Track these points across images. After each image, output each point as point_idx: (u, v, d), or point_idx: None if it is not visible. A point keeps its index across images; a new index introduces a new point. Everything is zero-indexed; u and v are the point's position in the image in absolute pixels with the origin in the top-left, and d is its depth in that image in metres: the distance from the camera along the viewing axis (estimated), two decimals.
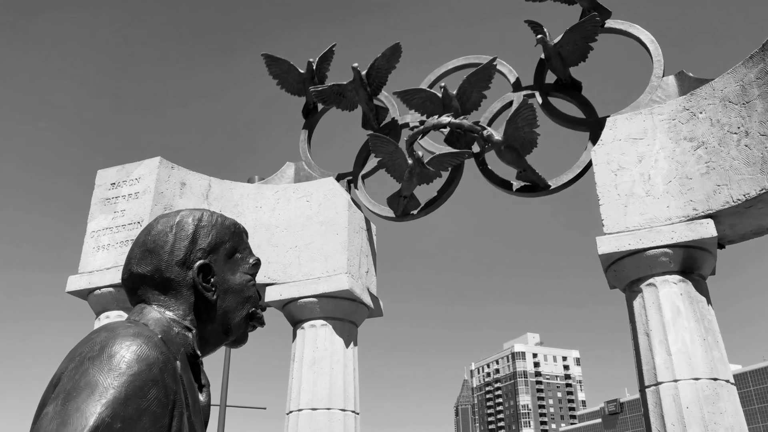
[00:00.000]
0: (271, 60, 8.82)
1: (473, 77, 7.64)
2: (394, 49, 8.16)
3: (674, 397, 5.92)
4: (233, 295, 1.90)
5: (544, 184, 7.46)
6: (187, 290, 1.81)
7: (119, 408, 1.37)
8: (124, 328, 1.56)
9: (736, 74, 6.40)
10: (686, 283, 6.33)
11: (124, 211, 7.48)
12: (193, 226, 1.87)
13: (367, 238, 8.24)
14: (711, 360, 6.01)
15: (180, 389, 1.59)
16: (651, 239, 6.38)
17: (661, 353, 6.13)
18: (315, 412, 7.07)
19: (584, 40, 7.47)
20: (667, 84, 7.35)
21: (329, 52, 8.84)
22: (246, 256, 1.98)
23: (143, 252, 1.84)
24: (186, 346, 1.76)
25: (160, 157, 7.69)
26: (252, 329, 1.99)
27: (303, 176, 8.62)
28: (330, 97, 8.38)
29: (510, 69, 8.24)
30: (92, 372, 1.42)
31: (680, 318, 6.17)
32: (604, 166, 6.92)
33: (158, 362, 1.50)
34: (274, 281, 7.73)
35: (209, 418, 1.89)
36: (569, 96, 7.81)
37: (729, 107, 6.40)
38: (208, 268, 1.83)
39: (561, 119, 7.78)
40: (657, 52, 7.53)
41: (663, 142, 6.77)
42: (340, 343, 7.44)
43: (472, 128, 7.24)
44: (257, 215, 8.12)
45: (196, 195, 7.90)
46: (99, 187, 7.83)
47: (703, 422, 5.73)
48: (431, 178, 7.71)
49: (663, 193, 6.57)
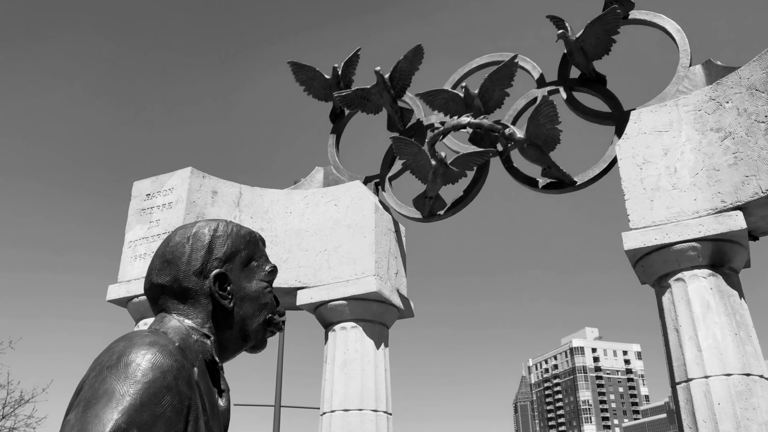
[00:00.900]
0: (297, 67, 8.96)
1: (495, 75, 7.62)
2: (416, 51, 8.20)
3: (705, 393, 5.80)
4: (250, 302, 1.96)
5: (570, 181, 7.39)
6: (204, 299, 1.88)
7: (135, 414, 1.45)
8: (141, 338, 1.63)
9: (762, 61, 6.22)
10: (716, 277, 6.19)
11: (159, 220, 7.73)
12: (209, 237, 1.93)
13: (396, 239, 8.31)
14: (743, 355, 5.87)
15: (195, 395, 1.66)
16: (678, 233, 6.26)
17: (692, 349, 6.01)
18: (347, 414, 7.18)
19: (606, 33, 7.37)
20: (694, 74, 7.20)
21: (354, 56, 8.93)
22: (262, 264, 2.03)
23: (162, 263, 1.91)
24: (204, 352, 1.83)
25: (191, 168, 7.91)
26: (271, 335, 2.04)
27: (332, 180, 8.74)
28: (355, 101, 8.48)
29: (534, 65, 8.18)
30: (110, 380, 1.50)
31: (710, 313, 6.04)
32: (629, 160, 6.82)
33: (172, 369, 1.56)
34: (305, 285, 7.87)
35: (229, 421, 1.94)
36: (594, 90, 7.71)
37: (756, 95, 6.23)
38: (224, 276, 1.90)
39: (586, 114, 7.69)
40: (683, 42, 7.38)
41: (689, 133, 6.63)
42: (370, 345, 7.52)
43: (492, 127, 7.23)
44: (287, 220, 8.27)
45: (228, 203, 8.10)
46: (135, 198, 8.11)
47: (735, 418, 5.60)
48: (456, 178, 7.72)
49: (690, 186, 6.44)
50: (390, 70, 8.33)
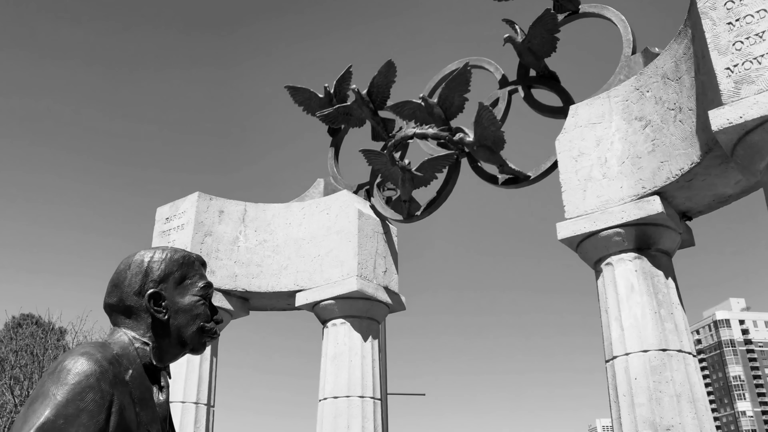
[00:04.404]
0: (293, 90, 9.90)
1: (452, 83, 8.18)
2: (389, 65, 8.90)
3: (625, 369, 6.22)
4: (183, 313, 2.34)
5: (523, 176, 7.87)
6: (144, 313, 2.28)
7: (62, 409, 1.88)
8: (78, 349, 2.07)
9: (671, 50, 6.47)
10: (641, 260, 6.53)
11: (174, 241, 8.96)
12: (146, 263, 2.33)
13: (385, 240, 9.08)
14: (662, 332, 6.21)
15: (122, 391, 2.07)
16: (604, 221, 6.65)
17: (616, 329, 6.42)
18: (337, 400, 8.09)
19: (549, 32, 7.77)
20: (635, 63, 7.46)
21: (347, 73, 9.72)
22: (195, 281, 2.41)
23: (111, 286, 2.34)
24: (144, 357, 2.25)
25: (199, 192, 9.09)
26: (209, 339, 2.44)
27: (330, 190, 9.63)
28: (337, 118, 9.32)
29: (497, 67, 8.68)
30: (47, 384, 1.96)
31: (633, 293, 6.41)
32: (566, 153, 7.23)
33: (95, 373, 1.98)
34: (302, 287, 8.84)
35: (169, 412, 2.37)
36: (549, 87, 8.12)
37: (668, 84, 6.50)
38: (158, 294, 2.29)
39: (541, 110, 8.12)
40: (626, 31, 7.64)
41: (618, 123, 6.96)
42: (358, 338, 8.38)
43: (436, 135, 7.85)
44: (287, 231, 9.27)
45: (234, 219, 9.22)
46: (158, 222, 9.40)
47: (648, 391, 6.00)
48: (426, 181, 8.38)
49: (617, 174, 6.79)
50: (367, 85, 9.08)
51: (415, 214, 8.69)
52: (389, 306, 8.80)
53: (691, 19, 5.99)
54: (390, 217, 8.98)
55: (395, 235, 9.40)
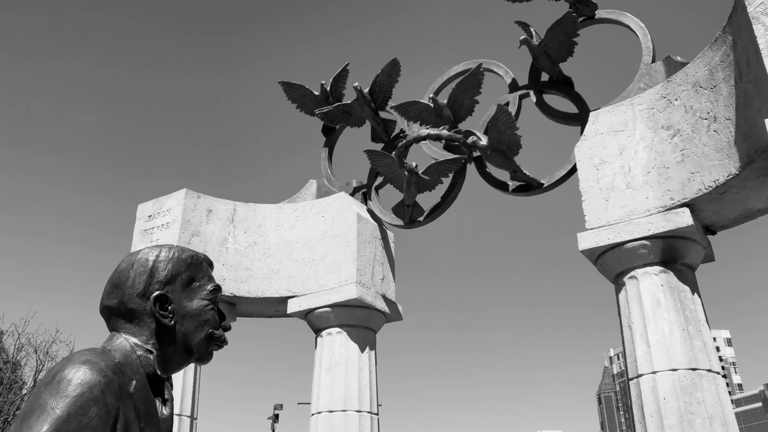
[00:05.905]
0: (288, 86, 9.42)
1: (462, 84, 7.85)
2: (393, 64, 8.52)
3: (652, 388, 5.93)
4: (191, 319, 2.12)
5: (537, 183, 7.57)
6: (148, 318, 2.06)
7: (62, 425, 1.65)
8: (78, 357, 1.83)
9: (705, 58, 6.26)
10: (667, 274, 6.29)
11: (158, 240, 8.35)
12: (151, 262, 2.10)
13: (383, 246, 8.66)
14: (691, 350, 5.96)
15: (128, 405, 1.85)
16: (629, 232, 6.38)
17: (642, 346, 6.14)
18: (332, 414, 7.60)
19: (567, 36, 7.50)
20: (655, 71, 7.24)
21: (343, 71, 9.30)
22: (204, 284, 2.20)
23: (111, 287, 2.11)
24: (147, 366, 2.01)
25: (186, 189, 8.50)
26: (216, 348, 2.22)
27: (324, 192, 9.17)
28: (337, 116, 8.87)
29: (507, 70, 8.38)
30: (44, 395, 1.72)
31: (660, 309, 6.15)
32: (587, 161, 6.95)
33: (100, 384, 1.75)
34: (295, 294, 8.33)
35: (172, 427, 2.15)
36: (562, 92, 7.85)
37: (700, 92, 6.28)
38: (164, 297, 2.07)
39: (554, 116, 7.84)
40: (645, 39, 7.43)
41: (642, 132, 6.72)
42: (354, 349, 7.92)
43: (451, 137, 7.49)
44: (279, 233, 8.76)
45: (222, 219, 8.66)
46: (139, 219, 8.77)
47: (679, 412, 5.72)
48: (432, 185, 8.01)
49: (642, 185, 6.54)
50: (369, 84, 8.68)
51: (418, 220, 8.30)
52: (386, 315, 8.37)
53: (732, 26, 5.79)
54: (390, 222, 8.56)
55: (392, 240, 8.99)
